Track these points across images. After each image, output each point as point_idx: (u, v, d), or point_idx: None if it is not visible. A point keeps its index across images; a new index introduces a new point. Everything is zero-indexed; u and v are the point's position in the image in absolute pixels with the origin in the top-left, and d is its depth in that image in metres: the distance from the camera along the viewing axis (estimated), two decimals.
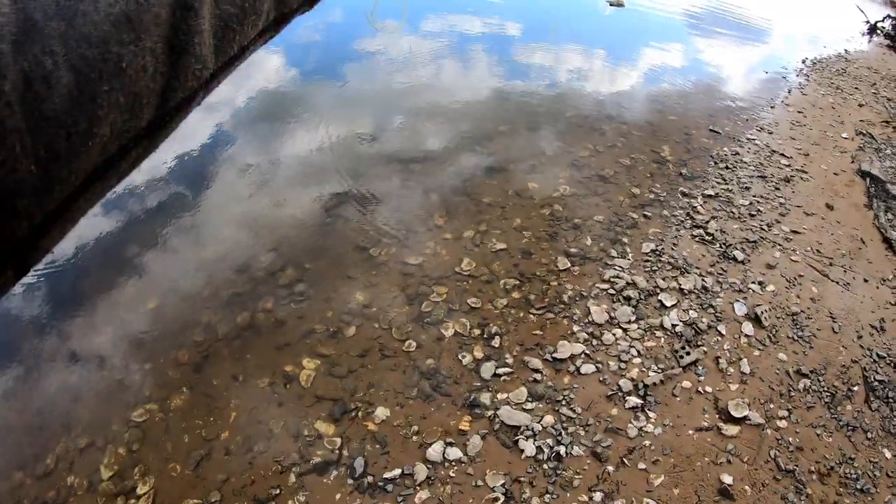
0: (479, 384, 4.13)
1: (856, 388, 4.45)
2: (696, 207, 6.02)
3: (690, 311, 4.79)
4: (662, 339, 4.55)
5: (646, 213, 5.90)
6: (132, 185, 6.28)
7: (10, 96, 0.53)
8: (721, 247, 5.51)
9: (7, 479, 3.79)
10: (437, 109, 7.75)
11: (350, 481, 3.63)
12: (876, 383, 4.49)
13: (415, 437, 3.82)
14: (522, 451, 3.76)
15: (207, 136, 7.14)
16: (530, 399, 4.07)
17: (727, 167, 6.88)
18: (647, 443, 3.86)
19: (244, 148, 6.87)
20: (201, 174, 6.49)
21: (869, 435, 4.13)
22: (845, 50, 12.16)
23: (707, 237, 5.60)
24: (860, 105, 9.29)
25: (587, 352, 4.40)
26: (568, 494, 3.56)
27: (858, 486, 3.83)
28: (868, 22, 14.60)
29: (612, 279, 5.02)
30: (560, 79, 9.23)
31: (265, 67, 8.49)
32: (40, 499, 3.66)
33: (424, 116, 7.46)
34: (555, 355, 4.35)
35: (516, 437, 3.82)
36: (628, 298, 4.85)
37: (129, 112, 0.57)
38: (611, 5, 13.50)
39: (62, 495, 3.67)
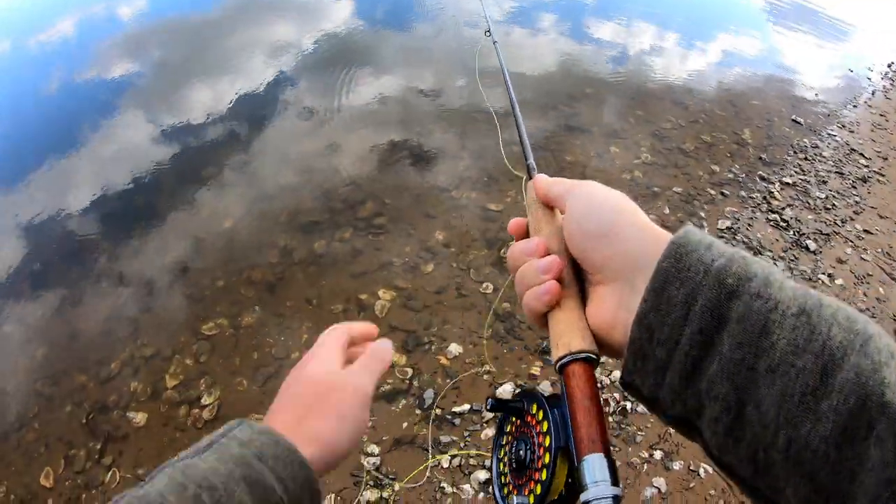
0: None
1: None
2: (773, 193, 5.98)
3: None
4: None
5: (724, 191, 5.87)
6: (212, 116, 6.38)
7: None
8: (794, 234, 5.48)
9: (69, 381, 3.92)
10: (523, 65, 7.73)
11: (418, 411, 3.71)
12: None
13: (486, 376, 3.89)
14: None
15: (282, 80, 7.22)
16: None
17: (806, 158, 6.80)
18: None
19: (337, 87, 6.94)
20: (279, 111, 6.57)
21: None
22: None
23: (782, 223, 5.58)
24: None
25: None
26: (630, 449, 3.63)
27: None
28: None
29: None
30: (645, 52, 9.13)
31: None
32: (101, 402, 3.80)
33: (512, 71, 7.44)
34: None
35: None
36: None
37: None
38: None
39: (124, 400, 3.80)
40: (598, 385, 0.73)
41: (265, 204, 5.21)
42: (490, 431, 3.60)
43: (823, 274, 5.13)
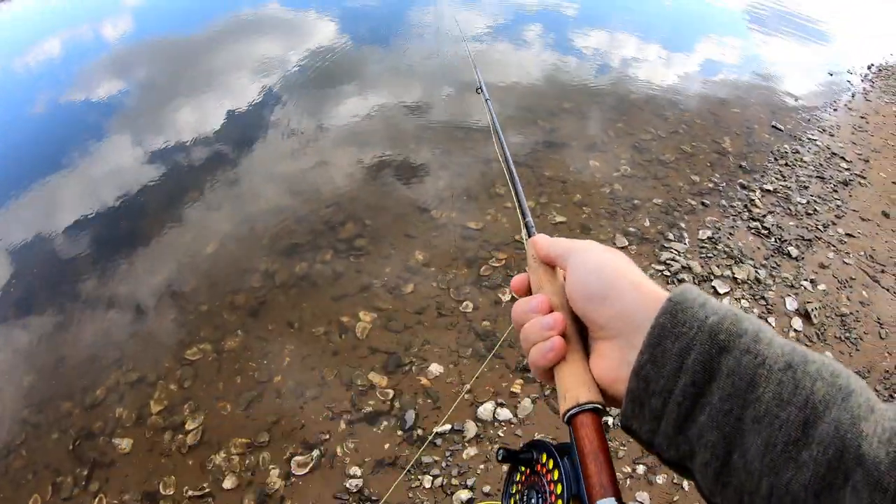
0: None
1: None
2: (753, 200, 6.00)
3: (742, 301, 4.81)
4: None
5: (704, 200, 5.90)
6: (198, 137, 6.42)
7: None
8: (776, 241, 5.50)
9: (55, 408, 3.93)
10: (501, 82, 7.79)
11: (400, 432, 3.71)
12: None
13: (467, 396, 3.89)
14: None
15: (271, 98, 7.27)
16: None
17: (787, 164, 6.83)
18: None
19: (318, 109, 6.99)
20: (265, 131, 6.62)
21: None
22: None
23: (763, 231, 5.60)
24: None
25: None
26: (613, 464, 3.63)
27: None
28: None
29: (667, 261, 5.06)
30: (624, 62, 9.21)
31: None
32: (86, 429, 3.80)
33: (490, 89, 7.49)
34: None
35: None
36: (682, 282, 4.88)
37: None
38: None
39: (109, 426, 3.80)
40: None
41: (247, 227, 5.23)
42: (472, 451, 3.60)
43: (806, 280, 5.15)
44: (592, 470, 0.65)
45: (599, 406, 0.71)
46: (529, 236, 0.97)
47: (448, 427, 3.72)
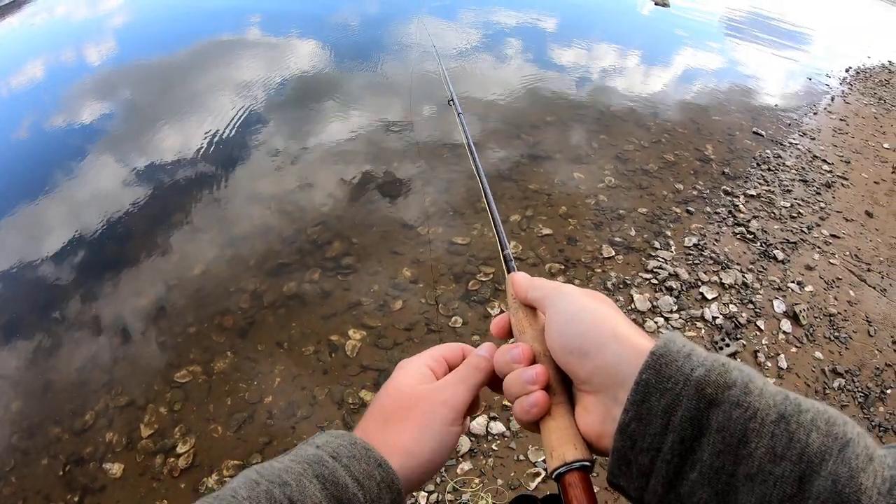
0: None
1: (889, 391, 4.47)
2: (738, 206, 6.05)
3: (731, 305, 4.84)
4: (703, 330, 4.60)
5: (689, 208, 5.94)
6: (182, 159, 6.43)
7: None
8: (762, 245, 5.54)
9: (44, 433, 3.87)
10: (484, 97, 7.84)
11: None
12: None
13: None
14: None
15: (254, 119, 7.28)
16: None
17: (769, 169, 6.90)
18: None
19: (302, 128, 7.01)
20: (248, 151, 6.62)
21: None
22: (889, 62, 12.03)
23: (748, 235, 5.64)
24: None
25: None
26: (597, 476, 3.62)
27: None
28: None
29: (654, 269, 5.08)
30: (606, 75, 9.30)
31: None
32: (76, 454, 3.75)
33: (471, 104, 7.55)
34: None
35: None
36: (670, 289, 4.91)
37: None
38: (656, 4, 13.48)
39: (99, 451, 3.75)
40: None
41: (234, 248, 5.22)
42: (466, 465, 3.58)
43: (793, 283, 5.17)
44: None
45: (587, 463, 0.70)
46: (508, 271, 0.95)
47: None
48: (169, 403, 3.99)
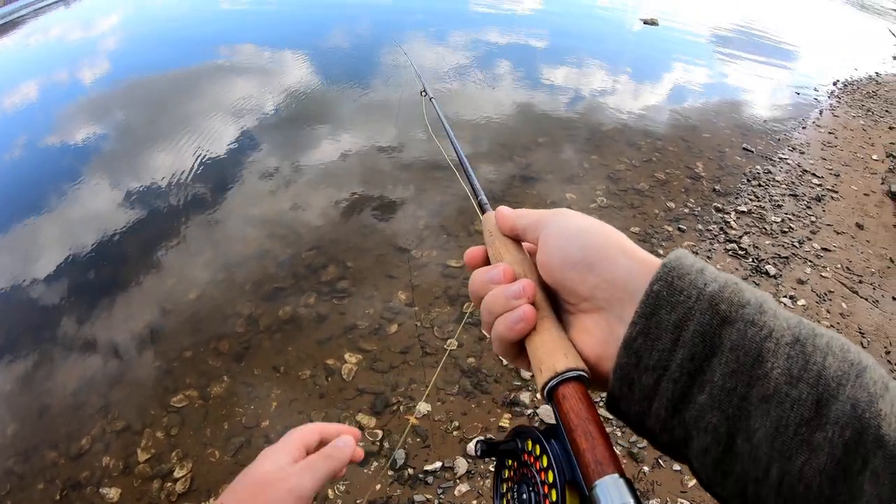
0: (519, 383, 4.20)
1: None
2: (729, 222, 6.10)
3: None
4: None
5: (680, 226, 5.99)
6: (177, 182, 6.47)
7: None
8: (754, 261, 5.57)
9: (40, 457, 3.87)
10: (476, 120, 7.90)
11: (391, 472, 3.68)
12: None
13: (455, 432, 3.89)
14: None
15: (244, 142, 7.33)
16: None
17: (760, 184, 6.96)
18: None
19: (295, 152, 7.06)
20: (243, 174, 6.67)
21: None
22: (876, 73, 12.15)
23: (740, 251, 5.68)
24: (891, 128, 9.28)
25: None
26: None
27: None
28: None
29: None
30: (597, 94, 9.37)
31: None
32: (73, 479, 3.74)
33: (462, 126, 7.62)
34: None
35: None
36: None
37: None
38: (644, 23, 13.61)
39: (96, 476, 3.75)
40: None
41: (229, 272, 5.25)
42: (464, 487, 3.59)
43: (785, 297, 5.21)
44: (584, 447, 0.56)
45: (583, 373, 0.63)
46: (483, 212, 0.90)
47: (438, 464, 3.71)
48: (166, 428, 3.99)
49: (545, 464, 0.60)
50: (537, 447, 0.62)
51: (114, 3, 15.95)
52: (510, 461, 0.69)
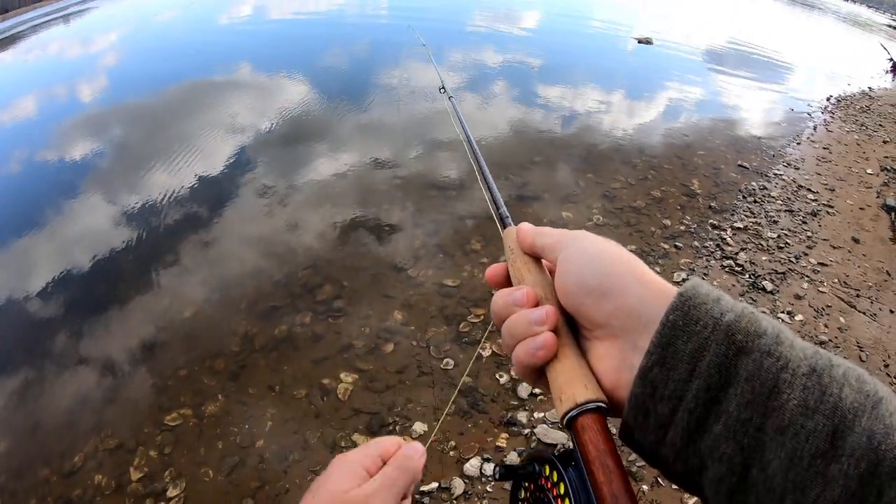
0: (515, 403, 4.18)
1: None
2: (725, 239, 6.11)
3: None
4: None
5: (677, 243, 6.00)
6: (174, 200, 6.48)
7: None
8: (750, 277, 5.57)
9: (33, 474, 3.84)
10: (472, 139, 7.93)
11: None
12: None
13: (452, 452, 3.86)
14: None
15: (245, 159, 7.35)
16: None
17: (755, 201, 6.98)
18: None
19: (292, 171, 7.08)
20: (240, 193, 6.68)
21: None
22: (869, 88, 12.24)
23: (737, 268, 5.68)
24: (885, 142, 9.34)
25: None
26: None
27: None
28: (892, 60, 14.65)
29: None
30: (592, 113, 9.43)
31: None
32: (65, 497, 3.71)
33: (459, 145, 7.62)
34: None
35: None
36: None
37: None
38: (639, 42, 13.70)
39: (88, 494, 3.71)
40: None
41: (225, 291, 5.25)
42: None
43: (783, 312, 5.20)
44: (602, 479, 0.57)
45: (603, 405, 0.63)
46: (504, 227, 0.89)
47: (435, 485, 3.68)
48: (159, 446, 3.95)
49: (562, 491, 0.61)
50: (554, 473, 0.62)
51: (113, 21, 16.08)
52: (526, 484, 0.69)
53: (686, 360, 0.55)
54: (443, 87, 1.94)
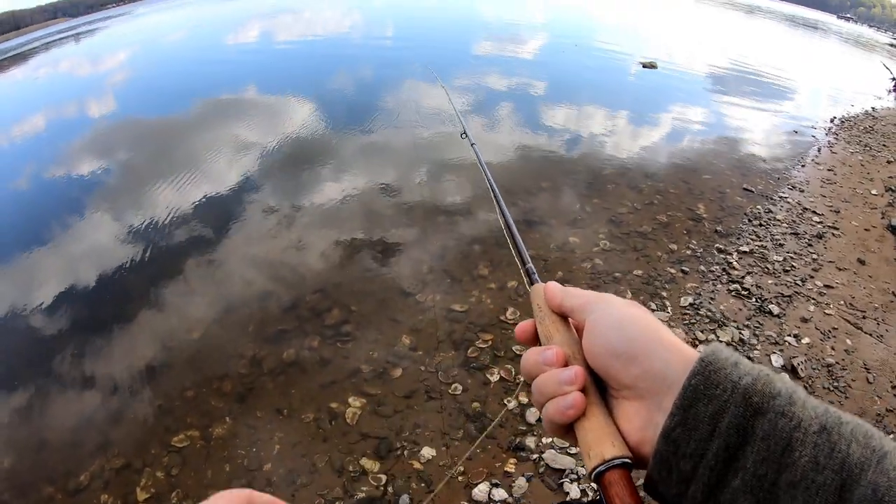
0: (524, 428, 4.17)
1: (891, 437, 4.44)
2: (731, 263, 6.12)
3: None
4: None
5: (683, 268, 6.02)
6: (182, 221, 6.54)
7: None
8: (757, 301, 5.58)
9: (37, 493, 3.86)
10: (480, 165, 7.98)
11: None
12: None
13: (460, 478, 3.86)
14: (567, 493, 3.76)
15: (253, 181, 7.41)
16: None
17: (761, 224, 7.00)
18: None
19: (299, 194, 7.13)
20: (248, 215, 6.73)
21: None
22: (872, 108, 12.28)
23: (743, 292, 5.69)
24: (889, 162, 9.37)
25: None
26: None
27: None
28: (894, 79, 14.69)
29: None
30: (598, 137, 9.49)
31: None
32: None
33: (467, 171, 7.70)
34: None
35: (561, 480, 3.83)
36: None
37: None
38: (643, 66, 13.79)
39: None
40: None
41: (233, 312, 5.28)
42: None
43: (790, 336, 5.20)
44: None
45: (629, 461, 0.67)
46: (532, 283, 0.92)
47: None
48: (166, 468, 3.96)
49: None
50: None
51: (123, 40, 16.23)
52: None
53: (707, 422, 0.59)
54: (464, 133, 1.97)
